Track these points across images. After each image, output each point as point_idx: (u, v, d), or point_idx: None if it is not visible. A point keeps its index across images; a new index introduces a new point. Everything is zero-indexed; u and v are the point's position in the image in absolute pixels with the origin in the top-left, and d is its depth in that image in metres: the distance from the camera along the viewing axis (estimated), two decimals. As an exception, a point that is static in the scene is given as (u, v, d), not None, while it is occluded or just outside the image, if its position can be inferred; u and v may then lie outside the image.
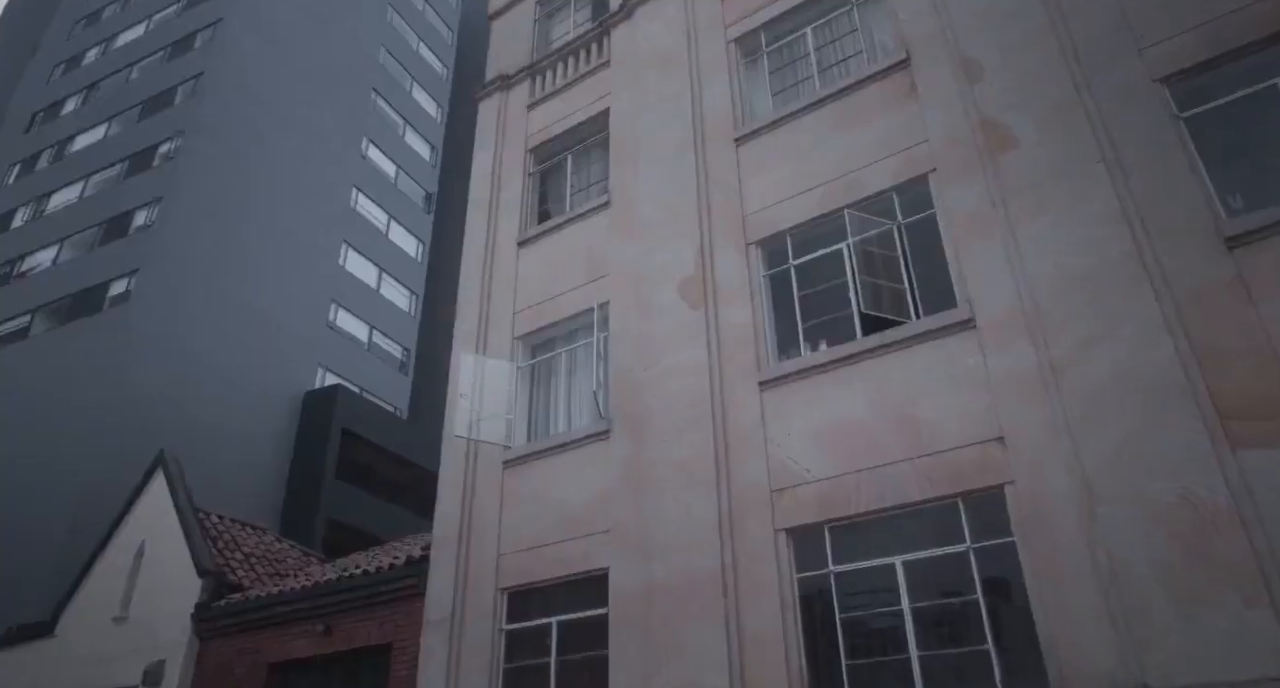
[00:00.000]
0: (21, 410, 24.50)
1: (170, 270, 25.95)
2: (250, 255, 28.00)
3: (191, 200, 27.21)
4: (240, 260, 27.64)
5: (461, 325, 11.85)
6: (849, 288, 8.66)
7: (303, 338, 29.10)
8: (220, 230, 27.42)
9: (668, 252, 10.11)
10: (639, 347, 9.78)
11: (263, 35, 31.80)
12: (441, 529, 10.44)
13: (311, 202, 30.74)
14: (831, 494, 7.80)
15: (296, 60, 32.41)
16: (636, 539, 8.76)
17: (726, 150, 10.33)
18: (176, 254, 26.26)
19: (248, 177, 28.89)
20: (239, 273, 27.50)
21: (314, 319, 29.79)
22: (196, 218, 27.12)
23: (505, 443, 10.48)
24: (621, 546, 8.86)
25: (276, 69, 31.55)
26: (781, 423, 8.40)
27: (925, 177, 8.64)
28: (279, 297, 28.53)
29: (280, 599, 11.65)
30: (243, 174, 28.78)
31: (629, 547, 8.78)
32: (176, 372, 24.77)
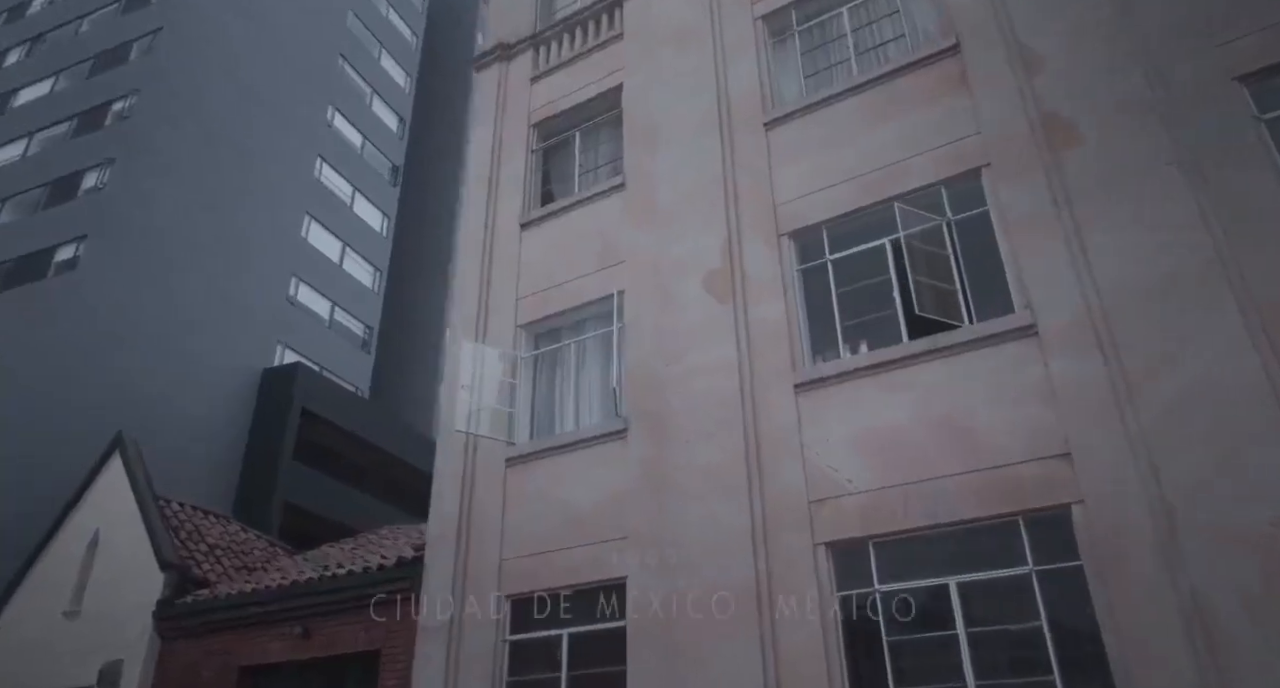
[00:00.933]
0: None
1: (122, 237, 24.55)
2: (207, 224, 26.67)
3: (146, 163, 25.78)
4: (197, 229, 26.31)
5: (458, 311, 11.11)
6: (892, 287, 8.16)
7: (262, 313, 27.90)
8: (176, 196, 26.04)
9: (691, 240, 9.49)
10: (660, 341, 9.17)
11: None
12: (438, 529, 9.74)
13: (274, 169, 29.42)
14: (876, 507, 7.31)
15: (261, 20, 30.91)
16: (658, 548, 8.19)
17: (755, 135, 9.72)
18: (129, 220, 24.85)
19: (207, 140, 27.49)
20: (195, 242, 26.19)
21: (274, 294, 28.58)
22: (151, 182, 25.71)
23: (508, 439, 9.81)
24: (640, 554, 8.28)
25: (240, 28, 30.04)
26: (819, 429, 7.88)
27: (978, 171, 8.14)
28: (238, 268, 27.28)
29: (254, 599, 10.85)
30: (202, 137, 27.37)
31: (649, 555, 8.21)
32: (127, 345, 23.51)
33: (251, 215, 28.13)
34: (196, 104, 27.56)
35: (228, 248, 27.05)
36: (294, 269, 29.49)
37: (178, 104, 27.17)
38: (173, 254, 25.48)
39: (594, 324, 10.20)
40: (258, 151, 28.97)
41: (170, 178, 26.10)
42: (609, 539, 8.56)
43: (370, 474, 29.37)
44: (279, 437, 26.21)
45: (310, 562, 12.79)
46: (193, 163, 26.78)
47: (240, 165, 28.20)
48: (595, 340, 10.10)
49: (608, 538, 8.58)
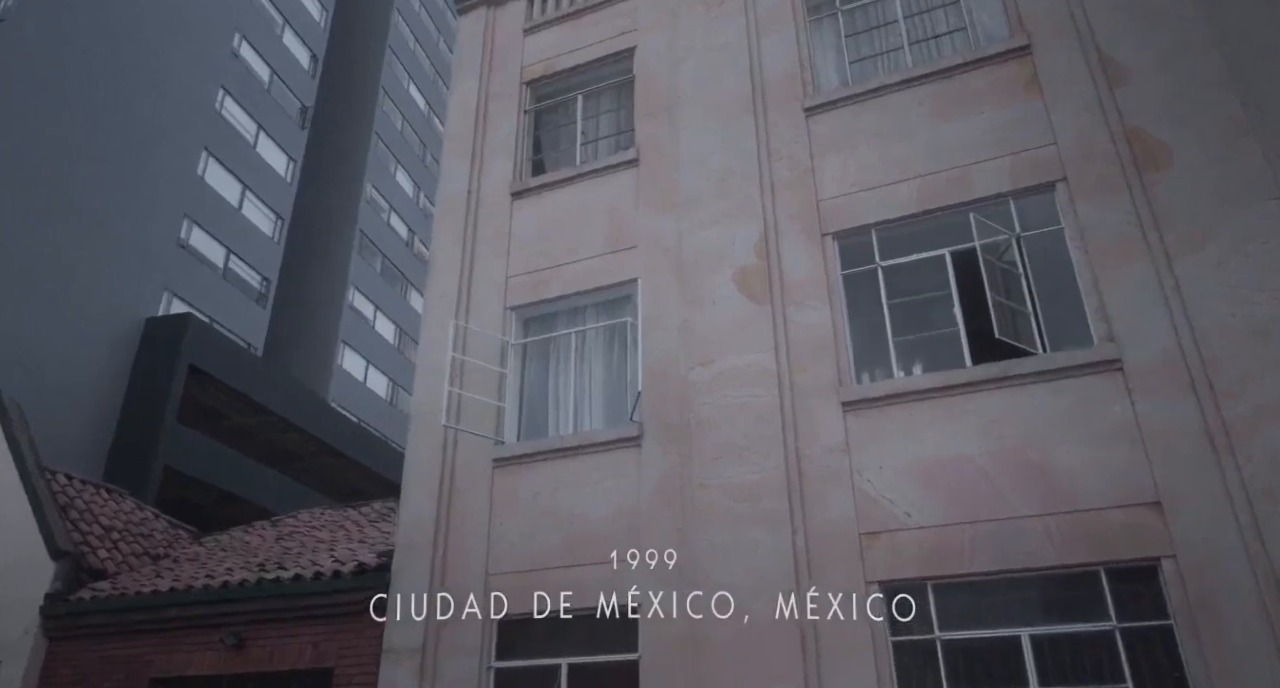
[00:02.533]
0: None
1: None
2: (87, 151, 23.78)
3: (15, 77, 22.67)
4: (74, 156, 23.41)
5: (435, 286, 9.86)
6: (952, 303, 7.52)
7: (147, 255, 25.23)
8: (52, 118, 23.06)
9: (721, 231, 8.60)
10: (684, 340, 8.27)
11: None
12: (409, 535, 8.59)
13: (169, 96, 26.54)
14: (938, 546, 6.69)
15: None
16: (679, 575, 7.36)
17: (794, 120, 8.88)
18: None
19: (91, 55, 24.44)
20: (71, 171, 23.30)
21: (162, 235, 25.89)
22: (20, 99, 22.65)
23: (496, 437, 8.73)
24: (658, 580, 7.43)
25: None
26: (871, 454, 7.19)
27: (1051, 185, 7.57)
28: (121, 203, 24.49)
29: (178, 599, 9.40)
30: (85, 52, 24.31)
31: (668, 583, 7.37)
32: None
33: (142, 145, 25.32)
34: (78, 12, 24.43)
35: (110, 178, 24.23)
36: (187, 209, 26.82)
37: (56, 10, 24.03)
38: (43, 182, 22.59)
39: (598, 313, 9.19)
40: (151, 73, 26.05)
41: (46, 94, 23.09)
42: (619, 560, 7.67)
43: (261, 440, 27.28)
44: (162, 395, 23.78)
45: (231, 553, 11.34)
46: (73, 79, 23.78)
47: (129, 87, 25.28)
48: (601, 332, 9.11)
49: (617, 559, 7.68)
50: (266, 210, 30.25)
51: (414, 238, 39.33)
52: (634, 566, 7.58)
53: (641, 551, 7.60)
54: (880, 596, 6.73)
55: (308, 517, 13.54)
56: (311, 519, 13.31)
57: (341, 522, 12.60)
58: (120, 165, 24.54)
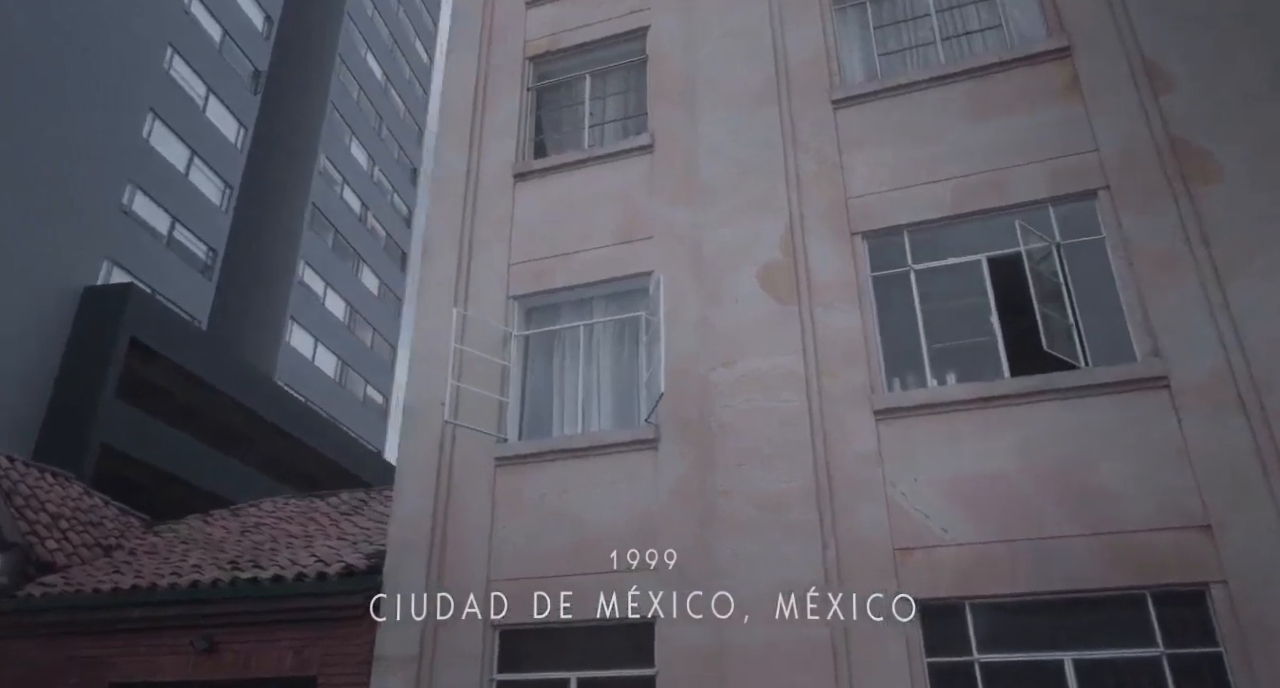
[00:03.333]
0: None
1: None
2: (23, 107, 22.32)
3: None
4: (7, 112, 21.93)
5: (431, 270, 9.29)
6: (989, 311, 7.27)
7: (86, 220, 23.88)
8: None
9: (744, 225, 8.22)
10: (704, 339, 7.89)
11: None
12: (403, 534, 8.08)
13: (114, 51, 25.09)
14: (977, 564, 6.45)
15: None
16: (699, 586, 7.00)
17: (820, 112, 8.53)
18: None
19: (31, 5, 22.91)
20: (11, 128, 21.85)
21: (104, 200, 24.53)
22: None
23: (499, 434, 8.25)
24: (676, 591, 7.06)
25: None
26: (905, 465, 6.92)
27: (1093, 193, 7.36)
28: (58, 164, 23.09)
29: (141, 599, 8.72)
30: (23, 3, 22.79)
31: (689, 594, 7.01)
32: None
33: (82, 103, 23.89)
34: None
35: (47, 137, 22.80)
36: (130, 174, 25.46)
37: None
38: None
39: (607, 306, 8.75)
40: (96, 26, 24.57)
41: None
42: (633, 569, 7.28)
43: (205, 419, 26.15)
44: (100, 368, 22.54)
45: (195, 547, 10.64)
46: (12, 31, 22.26)
47: (72, 40, 23.80)
48: (609, 327, 8.67)
49: (631, 568, 7.29)
50: (215, 178, 28.92)
51: (367, 213, 38.16)
52: (650, 575, 7.20)
53: (659, 560, 7.22)
54: (916, 614, 6.47)
55: (271, 507, 12.85)
56: (276, 510, 12.62)
57: (309, 514, 11.96)
58: (58, 124, 23.12)
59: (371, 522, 10.72)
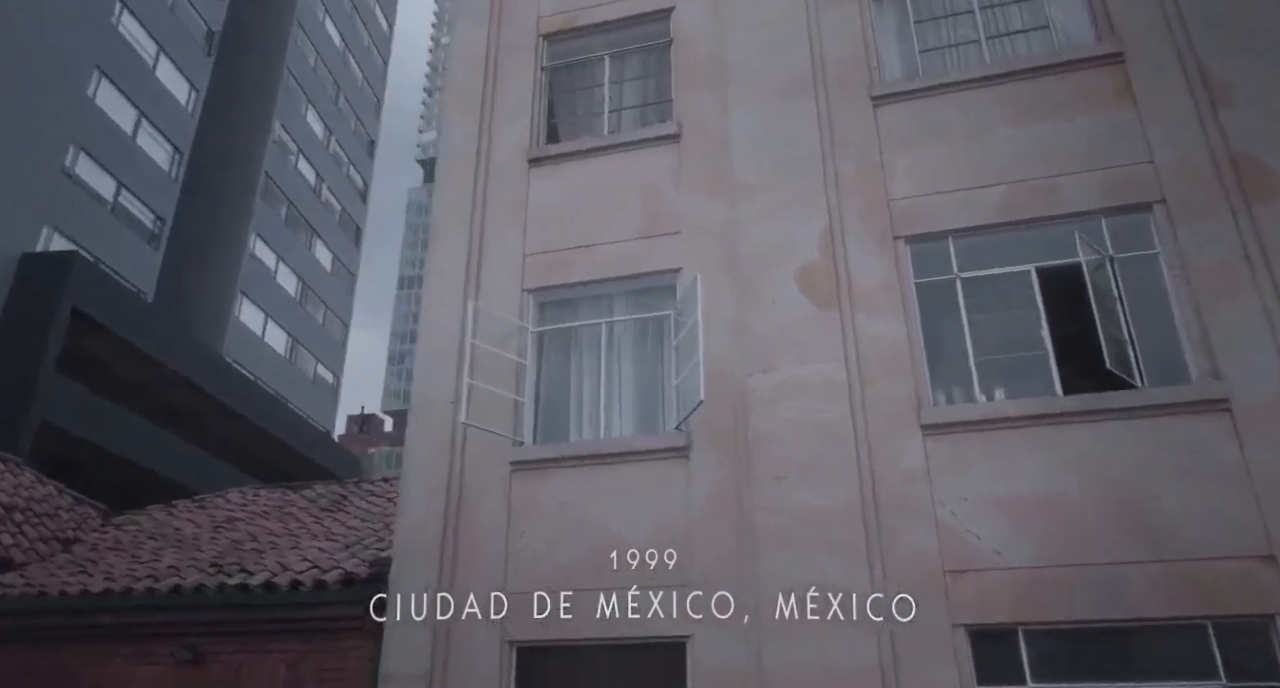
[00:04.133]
0: None
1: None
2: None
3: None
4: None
5: (439, 259, 8.73)
6: (1040, 324, 7.02)
7: (25, 183, 22.46)
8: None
9: (781, 224, 7.84)
10: (740, 342, 7.51)
11: None
12: (409, 542, 7.56)
13: (59, 5, 23.55)
14: (1032, 589, 6.22)
15: None
16: (736, 606, 6.66)
17: (860, 109, 8.17)
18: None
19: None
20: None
21: (44, 161, 23.10)
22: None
23: (515, 436, 7.77)
24: (711, 610, 6.70)
25: None
26: (954, 483, 6.65)
27: (1147, 206, 7.15)
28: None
29: (113, 603, 8.05)
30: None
31: (724, 614, 6.66)
32: None
33: (25, 58, 22.39)
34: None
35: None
36: (73, 135, 24.01)
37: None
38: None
39: (628, 303, 8.31)
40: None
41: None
42: (664, 585, 6.90)
43: (150, 396, 24.94)
44: (39, 340, 21.23)
45: (165, 544, 9.94)
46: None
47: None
48: (631, 325, 8.23)
49: (662, 583, 6.91)
50: (164, 142, 27.51)
51: (322, 185, 36.83)
52: (683, 591, 6.83)
53: (691, 576, 6.85)
54: (967, 640, 6.22)
55: (241, 500, 12.15)
56: (247, 503, 11.93)
57: (285, 509, 11.31)
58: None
59: (358, 520, 10.15)
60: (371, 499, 11.44)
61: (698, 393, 6.96)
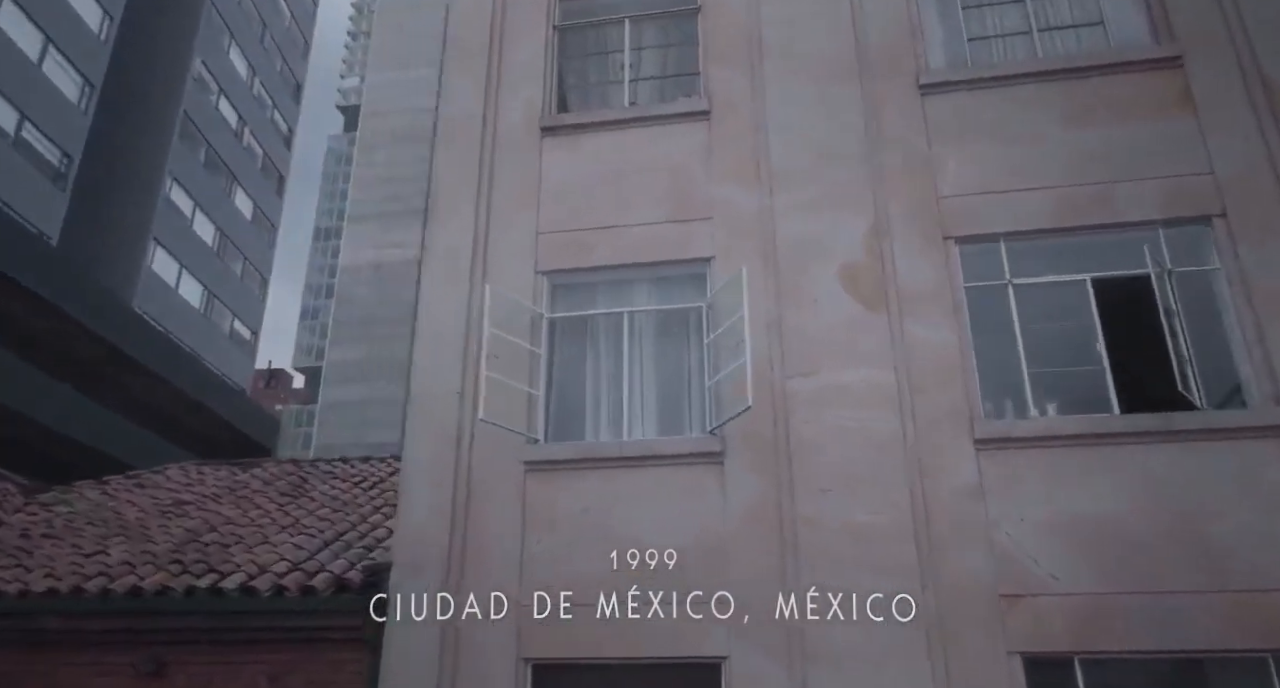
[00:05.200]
0: None
1: None
2: None
3: None
4: None
5: (440, 233, 7.94)
6: (1096, 337, 6.76)
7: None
8: None
9: (824, 218, 7.35)
10: (780, 342, 7.03)
11: None
12: (411, 547, 6.89)
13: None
14: (1089, 616, 5.99)
15: None
16: (779, 629, 6.25)
17: (907, 98, 7.71)
18: None
19: None
20: None
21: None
22: None
23: (529, 433, 7.14)
24: (752, 633, 6.28)
25: None
26: (1009, 502, 6.35)
27: (1207, 219, 6.92)
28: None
29: (61, 606, 7.12)
30: None
31: (766, 638, 6.24)
32: None
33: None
34: None
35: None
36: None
37: None
38: None
39: (651, 291, 7.73)
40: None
41: None
42: (698, 601, 6.44)
43: (51, 349, 23.01)
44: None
45: (108, 530, 8.94)
46: None
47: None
48: (653, 316, 7.65)
49: (696, 599, 6.45)
50: (73, 72, 25.20)
51: (245, 128, 34.58)
52: (718, 610, 6.38)
53: (728, 592, 6.41)
54: (1022, 668, 5.97)
55: (183, 477, 11.14)
56: (192, 482, 10.94)
57: (238, 490, 10.39)
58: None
59: (327, 509, 9.35)
60: (333, 482, 10.62)
61: (744, 397, 6.46)
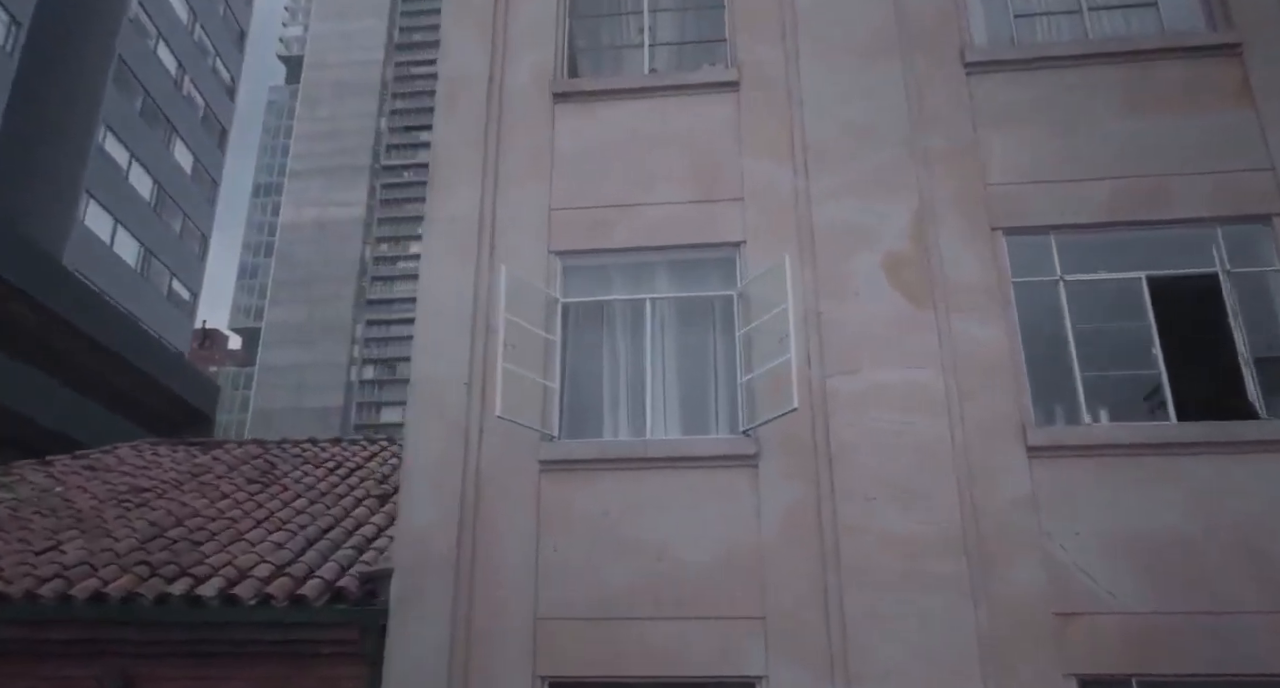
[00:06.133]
0: None
1: None
2: None
3: None
4: None
5: (442, 205, 7.23)
6: (1152, 340, 6.42)
7: None
8: None
9: (864, 203, 6.84)
10: (819, 337, 6.53)
11: None
12: (416, 555, 6.28)
13: None
14: (1148, 636, 5.70)
15: None
16: (821, 644, 5.84)
17: (951, 76, 7.22)
18: None
19: None
20: None
21: None
22: None
23: (544, 429, 6.55)
24: (793, 652, 5.85)
25: None
26: (1064, 514, 6.00)
27: (1266, 218, 6.60)
28: None
29: (10, 614, 6.35)
30: None
31: (807, 653, 5.83)
32: None
33: None
34: None
35: None
36: (-118, -12, 19.85)
37: None
38: None
39: (674, 276, 7.15)
40: None
41: None
42: (731, 615, 5.99)
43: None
44: None
45: (59, 523, 8.11)
46: None
47: None
48: (674, 303, 7.08)
49: (729, 613, 6.00)
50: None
51: (184, 76, 32.63)
52: (753, 626, 5.93)
53: (765, 606, 5.96)
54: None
55: (137, 459, 10.28)
56: (146, 464, 10.09)
57: (199, 474, 9.59)
58: None
59: (304, 500, 8.64)
60: (305, 468, 9.89)
61: (788, 397, 5.97)
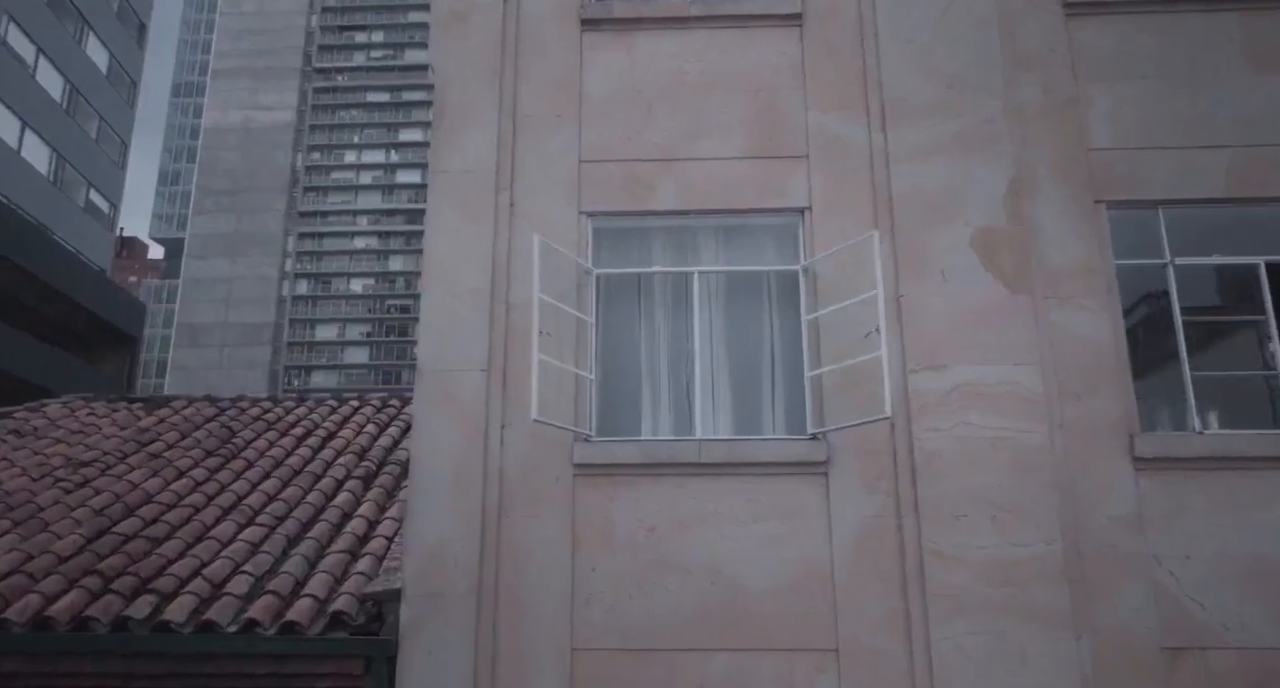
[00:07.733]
0: None
1: None
2: None
3: None
4: None
5: (448, 153, 6.02)
6: (1271, 337, 5.69)
7: None
8: None
9: (952, 166, 5.87)
10: (895, 324, 5.63)
11: None
12: (428, 575, 5.33)
13: None
14: (1270, 677, 5.13)
15: None
16: (903, 682, 5.14)
17: (1049, 18, 6.19)
18: None
19: None
20: None
21: None
22: None
23: (577, 429, 5.58)
24: (862, 682, 5.15)
25: None
26: (1174, 535, 5.34)
27: (1400, 200, 5.86)
28: None
29: None
30: None
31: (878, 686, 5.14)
32: None
33: None
34: None
35: None
36: None
37: None
38: None
39: (721, 245, 6.13)
40: None
41: None
42: (798, 648, 5.24)
43: None
44: None
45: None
46: None
47: None
48: (727, 280, 6.08)
49: (795, 645, 5.25)
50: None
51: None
52: (827, 660, 5.20)
53: (839, 639, 5.22)
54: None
55: (71, 422, 9.00)
56: (80, 426, 8.85)
57: (146, 442, 8.38)
58: None
59: (279, 482, 7.55)
60: (268, 436, 8.75)
61: (878, 401, 5.11)
